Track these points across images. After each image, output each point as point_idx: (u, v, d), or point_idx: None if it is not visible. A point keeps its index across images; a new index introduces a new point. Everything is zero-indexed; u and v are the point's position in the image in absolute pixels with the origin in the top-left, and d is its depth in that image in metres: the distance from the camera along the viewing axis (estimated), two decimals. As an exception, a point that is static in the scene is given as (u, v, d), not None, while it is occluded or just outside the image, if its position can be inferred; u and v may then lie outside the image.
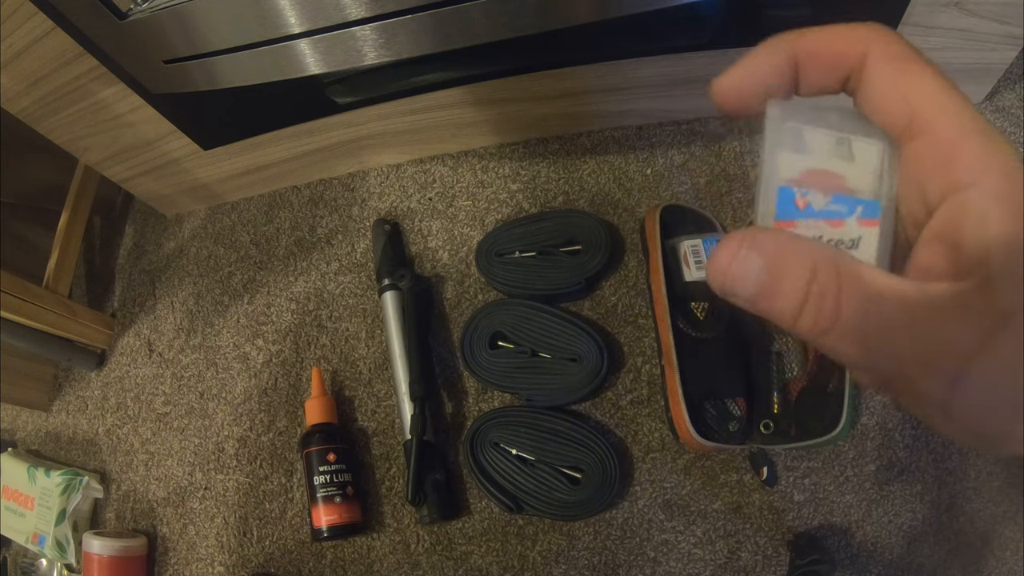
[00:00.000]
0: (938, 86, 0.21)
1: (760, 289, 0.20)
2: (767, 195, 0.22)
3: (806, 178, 0.22)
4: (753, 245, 0.20)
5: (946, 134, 0.20)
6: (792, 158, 0.22)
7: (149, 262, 0.94)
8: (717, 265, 0.21)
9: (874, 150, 0.23)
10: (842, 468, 0.63)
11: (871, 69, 0.22)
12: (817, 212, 0.22)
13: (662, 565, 0.63)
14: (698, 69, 0.70)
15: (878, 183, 0.22)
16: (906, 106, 0.21)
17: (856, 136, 0.23)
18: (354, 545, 0.71)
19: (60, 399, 0.90)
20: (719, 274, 0.21)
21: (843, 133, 0.23)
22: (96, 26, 0.59)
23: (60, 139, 0.79)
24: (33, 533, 0.78)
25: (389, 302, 0.75)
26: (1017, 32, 0.63)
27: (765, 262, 0.20)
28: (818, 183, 0.22)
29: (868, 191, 0.22)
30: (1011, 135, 0.71)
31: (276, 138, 0.81)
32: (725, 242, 0.21)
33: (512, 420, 0.68)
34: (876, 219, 0.22)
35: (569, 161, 0.80)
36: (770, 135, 0.22)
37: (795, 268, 0.19)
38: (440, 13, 0.53)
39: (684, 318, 0.65)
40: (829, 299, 0.19)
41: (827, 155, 0.23)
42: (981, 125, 0.20)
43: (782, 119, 0.23)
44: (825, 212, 0.22)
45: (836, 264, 0.19)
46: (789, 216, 0.22)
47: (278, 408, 0.79)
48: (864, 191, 0.22)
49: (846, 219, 0.22)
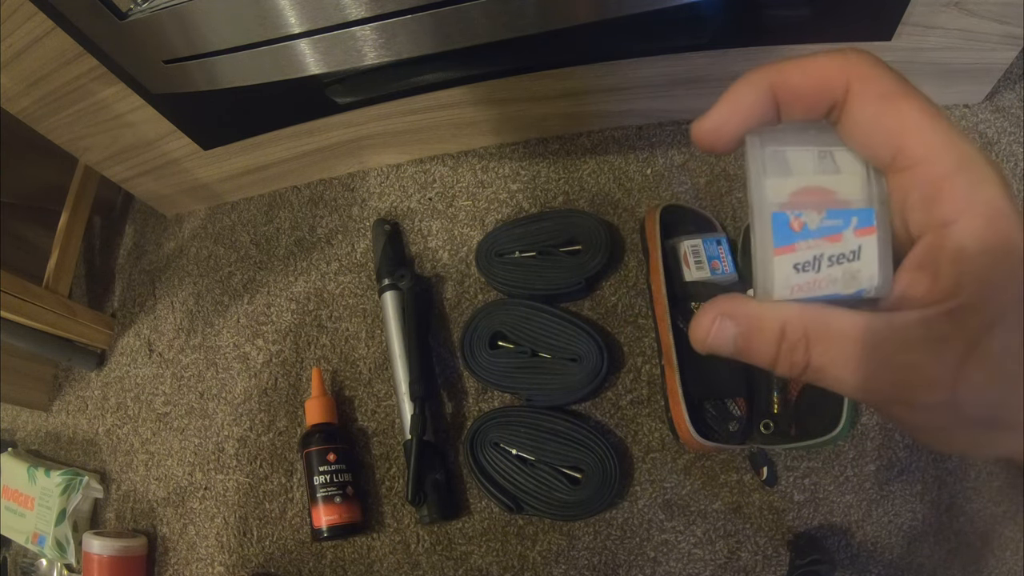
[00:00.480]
0: (924, 121, 0.21)
1: (738, 350, 0.23)
2: (762, 225, 0.22)
3: (797, 199, 0.22)
4: (728, 314, 0.23)
5: (931, 172, 0.20)
6: (779, 183, 0.22)
7: (149, 262, 0.94)
8: (698, 334, 0.23)
9: (858, 156, 0.23)
10: (842, 468, 0.63)
11: (854, 104, 0.22)
12: (814, 231, 0.22)
13: (662, 565, 0.63)
14: (698, 69, 0.70)
15: (868, 188, 0.22)
16: (891, 142, 0.21)
17: (837, 146, 0.23)
18: (354, 545, 0.71)
19: (60, 399, 0.90)
20: (700, 341, 0.23)
21: (824, 146, 0.23)
22: (96, 26, 0.59)
23: (60, 139, 0.79)
24: (33, 533, 0.78)
25: (389, 302, 0.75)
26: (1017, 32, 0.63)
27: (739, 330, 0.23)
28: (810, 201, 0.22)
29: (860, 199, 0.22)
30: (1011, 135, 0.71)
31: (276, 138, 0.81)
32: (704, 312, 0.23)
33: (512, 420, 0.68)
34: (872, 226, 0.22)
35: (569, 161, 0.80)
36: (753, 165, 0.22)
37: (765, 331, 0.22)
38: (440, 13, 0.53)
39: (684, 318, 0.65)
40: (799, 351, 0.22)
41: (813, 172, 0.23)
42: (968, 160, 0.20)
43: (762, 146, 0.23)
44: (822, 229, 0.22)
45: (804, 321, 0.22)
46: (787, 241, 0.22)
47: (278, 408, 0.79)
48: (856, 199, 0.22)
49: (843, 232, 0.22)
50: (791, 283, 0.22)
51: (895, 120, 0.21)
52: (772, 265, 0.22)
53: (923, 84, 0.71)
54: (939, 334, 0.20)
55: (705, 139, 0.23)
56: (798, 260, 0.22)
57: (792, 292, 0.22)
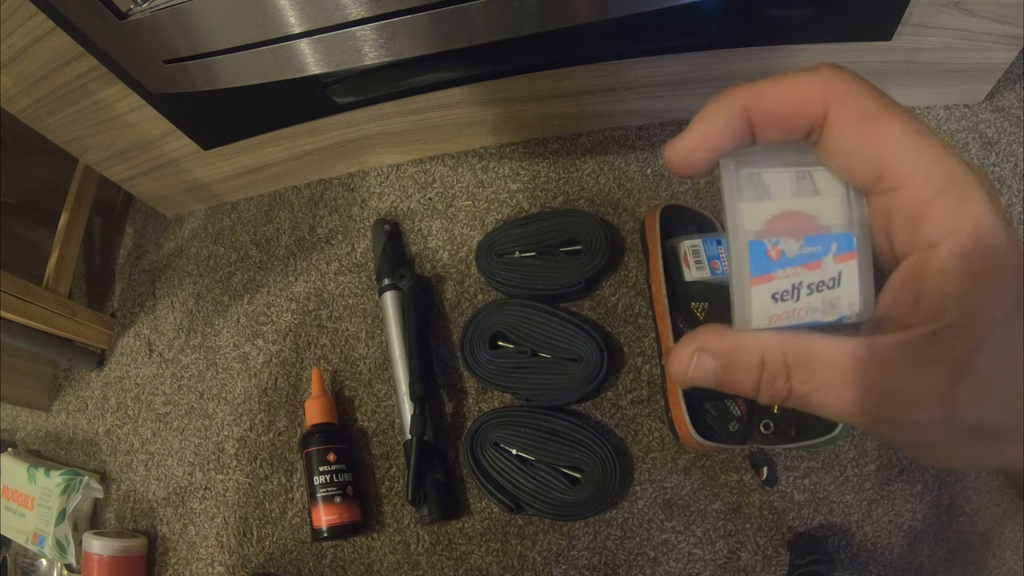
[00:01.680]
0: (907, 141, 0.20)
1: (719, 383, 0.23)
2: (738, 255, 0.21)
3: (775, 225, 0.21)
4: (706, 349, 0.22)
5: (916, 194, 0.20)
6: (756, 207, 0.21)
7: (149, 262, 0.94)
8: (677, 370, 0.23)
9: (837, 176, 0.22)
10: (842, 468, 0.63)
11: (834, 127, 0.21)
12: (792, 259, 0.21)
13: (662, 565, 0.63)
14: (698, 69, 0.70)
15: (848, 210, 0.21)
16: (873, 165, 0.21)
17: (816, 166, 0.22)
18: (354, 545, 0.71)
19: (60, 399, 0.90)
20: (680, 376, 0.23)
21: (802, 166, 0.22)
22: (96, 26, 0.59)
23: (60, 139, 0.79)
24: (33, 533, 0.78)
25: (389, 302, 0.75)
26: (1017, 32, 0.63)
27: (718, 363, 0.22)
28: (788, 228, 0.21)
29: (839, 223, 0.22)
30: (1011, 135, 0.71)
31: (276, 138, 0.81)
32: (682, 347, 0.23)
33: (512, 420, 0.68)
34: (852, 252, 0.21)
35: (569, 161, 0.80)
36: (728, 189, 0.22)
37: (745, 363, 0.22)
38: (440, 13, 0.53)
39: (684, 318, 0.65)
40: (780, 381, 0.21)
41: (790, 195, 0.22)
42: (954, 179, 0.20)
43: (736, 169, 0.22)
44: (800, 257, 0.21)
45: (783, 350, 0.21)
46: (765, 270, 0.21)
47: (278, 408, 0.79)
48: (835, 223, 0.22)
49: (822, 259, 0.21)
50: (769, 313, 0.21)
51: (877, 142, 0.20)
52: (749, 295, 0.21)
53: (923, 84, 0.72)
54: (924, 357, 0.19)
55: (676, 164, 0.23)
56: (776, 289, 0.21)
57: (771, 322, 0.21)
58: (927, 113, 0.73)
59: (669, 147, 0.22)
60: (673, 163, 0.23)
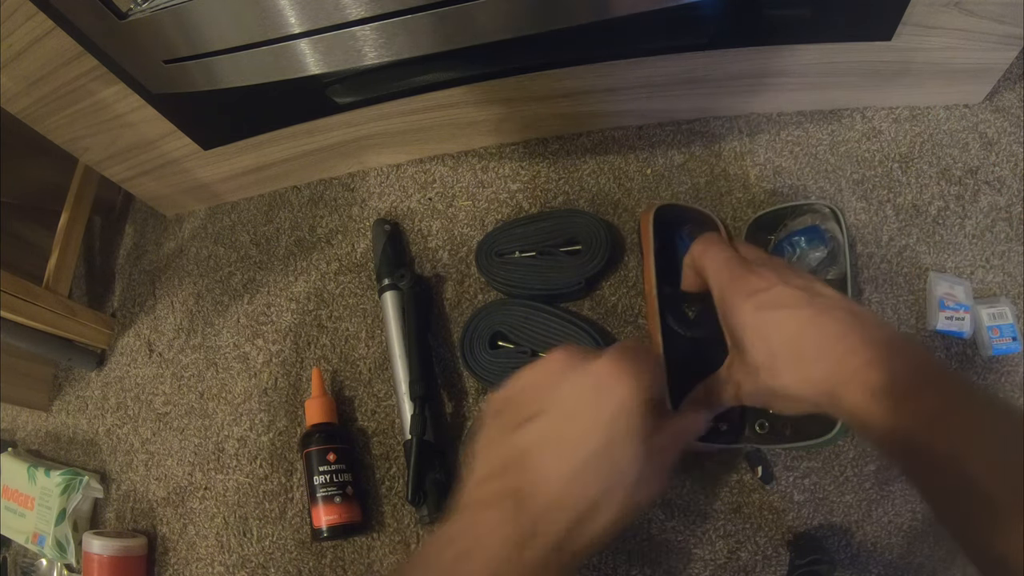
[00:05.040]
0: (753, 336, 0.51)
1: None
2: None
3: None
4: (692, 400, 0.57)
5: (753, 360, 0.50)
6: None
7: (149, 262, 0.94)
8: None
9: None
10: (842, 468, 0.63)
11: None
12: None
13: (662, 565, 0.63)
14: (698, 69, 0.70)
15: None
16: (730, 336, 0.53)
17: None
18: (354, 545, 0.71)
19: (60, 399, 0.90)
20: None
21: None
22: (96, 26, 0.59)
23: (60, 139, 0.79)
24: (33, 533, 0.78)
25: (389, 302, 0.75)
26: (1017, 32, 0.63)
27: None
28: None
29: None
30: (1011, 135, 0.71)
31: (276, 138, 0.81)
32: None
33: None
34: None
35: (569, 161, 0.80)
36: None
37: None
38: (440, 13, 0.53)
39: (676, 319, 0.65)
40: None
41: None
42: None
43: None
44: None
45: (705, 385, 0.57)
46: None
47: (278, 408, 0.79)
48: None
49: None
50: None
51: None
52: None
53: (923, 84, 0.72)
54: (739, 368, 0.52)
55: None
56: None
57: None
58: (927, 113, 0.73)
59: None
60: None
